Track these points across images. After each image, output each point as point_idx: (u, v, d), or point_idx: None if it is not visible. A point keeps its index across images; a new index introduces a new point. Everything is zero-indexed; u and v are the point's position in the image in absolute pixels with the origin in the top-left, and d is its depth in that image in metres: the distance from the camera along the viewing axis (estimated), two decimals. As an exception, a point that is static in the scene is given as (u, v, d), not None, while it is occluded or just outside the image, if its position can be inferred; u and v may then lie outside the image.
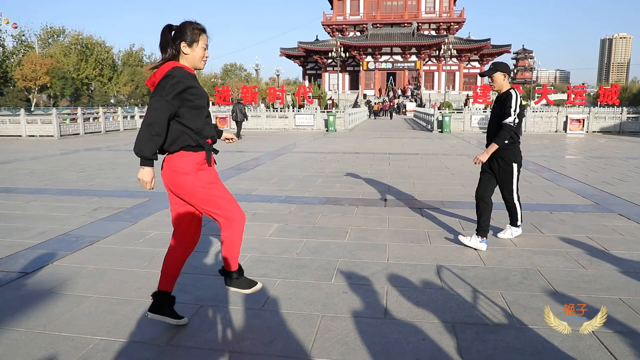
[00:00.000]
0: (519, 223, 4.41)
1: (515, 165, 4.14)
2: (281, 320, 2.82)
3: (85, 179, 8.16)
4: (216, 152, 2.68)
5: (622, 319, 2.81)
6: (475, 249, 4.12)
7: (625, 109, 24.04)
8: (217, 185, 2.64)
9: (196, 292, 3.25)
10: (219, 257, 3.99)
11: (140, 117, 25.49)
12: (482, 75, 3.95)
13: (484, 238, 4.14)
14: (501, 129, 3.90)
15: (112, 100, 58.71)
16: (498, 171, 4.19)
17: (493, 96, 46.79)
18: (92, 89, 59.41)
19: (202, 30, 2.56)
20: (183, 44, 2.52)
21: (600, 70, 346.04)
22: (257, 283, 2.88)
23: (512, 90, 3.94)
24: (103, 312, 2.94)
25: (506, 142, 4.01)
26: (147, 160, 2.43)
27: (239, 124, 18.17)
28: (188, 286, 3.34)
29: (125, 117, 24.60)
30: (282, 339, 2.61)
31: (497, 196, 4.38)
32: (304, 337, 2.62)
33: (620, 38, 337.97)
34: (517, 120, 3.88)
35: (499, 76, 3.97)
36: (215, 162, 2.68)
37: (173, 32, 2.55)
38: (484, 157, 4.03)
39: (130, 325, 2.76)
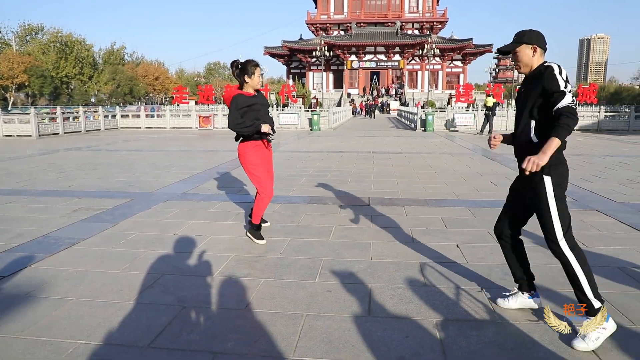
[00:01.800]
0: (596, 304, 2.53)
1: (548, 181, 2.66)
2: (265, 320, 2.81)
3: (64, 180, 8.01)
4: (269, 140, 4.26)
5: (600, 313, 2.87)
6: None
7: (603, 107, 24.67)
8: (259, 166, 4.20)
9: (178, 292, 3.22)
10: (202, 258, 3.96)
11: (122, 116, 25.15)
12: (502, 52, 2.73)
13: (528, 292, 2.96)
14: (561, 116, 2.38)
15: (92, 100, 57.71)
16: (524, 190, 2.80)
17: (476, 95, 46.86)
18: (72, 87, 58.27)
19: (257, 65, 4.07)
20: (246, 77, 4.06)
21: (579, 70, 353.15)
22: (263, 240, 4.31)
23: (549, 63, 2.55)
24: (83, 315, 2.89)
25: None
26: (255, 133, 4.14)
27: None
28: (170, 287, 3.31)
29: (106, 116, 24.16)
30: (266, 338, 2.60)
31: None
32: (288, 336, 2.62)
33: (599, 38, 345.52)
34: (575, 99, 2.38)
35: (525, 51, 2.61)
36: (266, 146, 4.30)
37: (239, 66, 4.06)
38: (544, 159, 2.40)
39: (112, 328, 2.71)
